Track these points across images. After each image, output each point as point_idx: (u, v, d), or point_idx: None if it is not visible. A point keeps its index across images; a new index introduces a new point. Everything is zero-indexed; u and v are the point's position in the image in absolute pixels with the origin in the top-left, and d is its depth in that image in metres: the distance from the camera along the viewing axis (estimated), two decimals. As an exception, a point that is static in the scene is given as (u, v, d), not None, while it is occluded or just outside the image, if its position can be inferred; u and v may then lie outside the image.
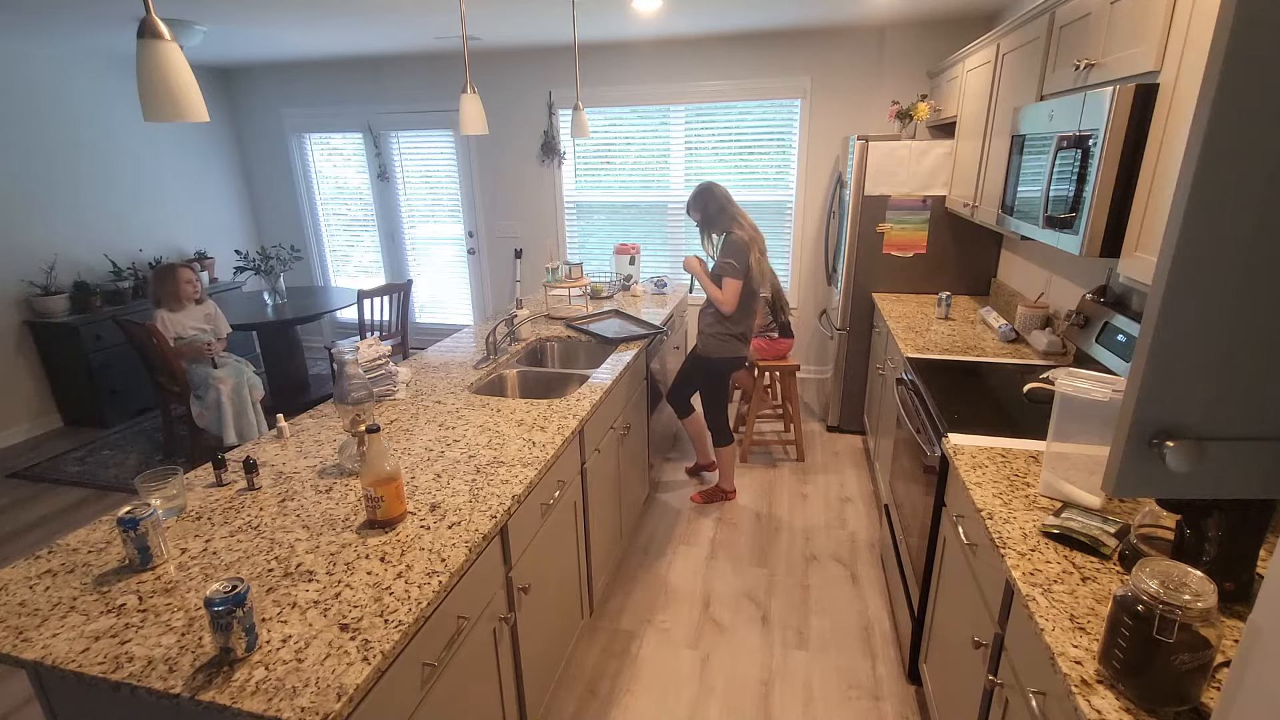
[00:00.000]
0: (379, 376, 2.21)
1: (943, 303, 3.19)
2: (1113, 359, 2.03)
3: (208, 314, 3.69)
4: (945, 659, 1.79)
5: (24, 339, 4.27)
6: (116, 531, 1.44)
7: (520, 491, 1.61)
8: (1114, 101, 1.53)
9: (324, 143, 5.70)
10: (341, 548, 1.37)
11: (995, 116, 2.69)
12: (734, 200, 2.92)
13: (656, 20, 3.89)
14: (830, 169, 4.60)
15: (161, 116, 1.25)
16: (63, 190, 4.45)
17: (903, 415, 2.32)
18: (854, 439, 4.03)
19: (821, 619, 2.49)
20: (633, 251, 3.93)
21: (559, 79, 4.93)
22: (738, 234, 2.83)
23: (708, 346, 3.00)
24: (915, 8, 3.72)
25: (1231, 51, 0.60)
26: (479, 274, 5.66)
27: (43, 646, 1.11)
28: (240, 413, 3.63)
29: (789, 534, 3.04)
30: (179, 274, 3.54)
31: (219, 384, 3.54)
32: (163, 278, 3.54)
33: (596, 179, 5.14)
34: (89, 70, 4.58)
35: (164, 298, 3.54)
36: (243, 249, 5.57)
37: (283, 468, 1.74)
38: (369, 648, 1.09)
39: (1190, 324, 0.68)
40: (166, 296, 3.53)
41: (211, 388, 3.54)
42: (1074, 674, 1.01)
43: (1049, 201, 1.88)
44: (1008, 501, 1.50)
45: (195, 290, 3.62)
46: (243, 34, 4.08)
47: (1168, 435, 0.70)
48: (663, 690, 2.18)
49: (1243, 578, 1.11)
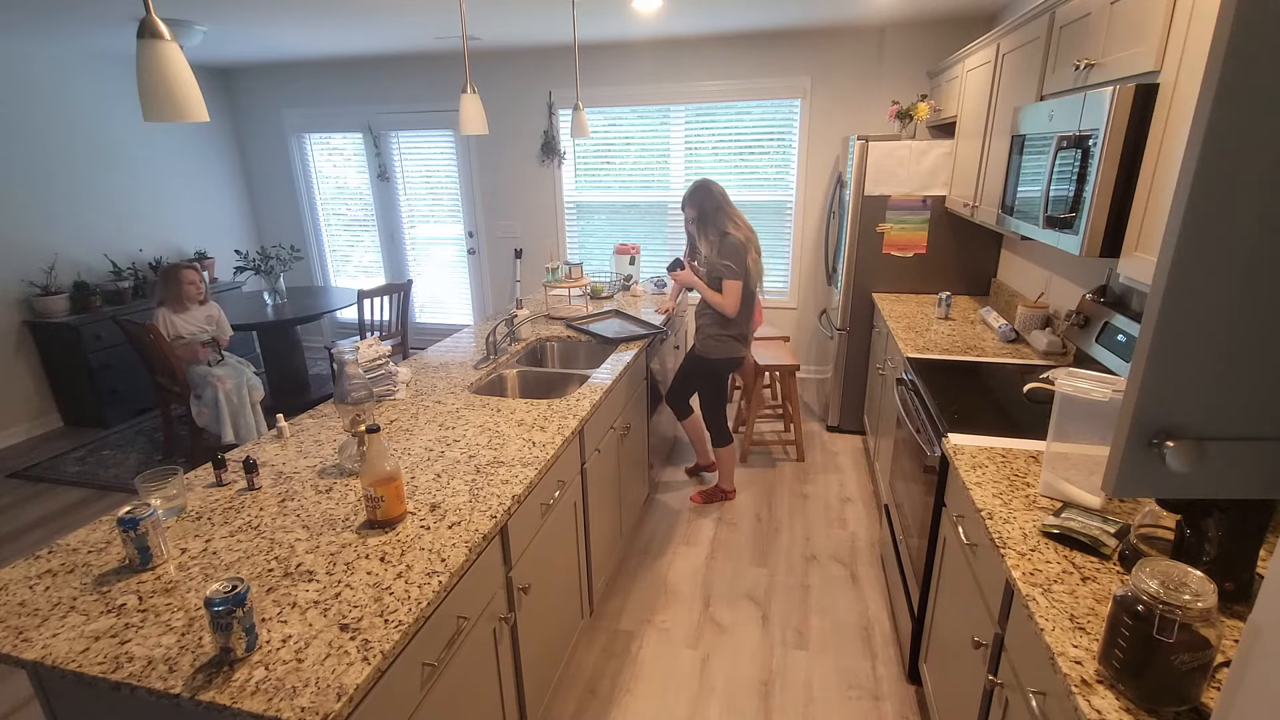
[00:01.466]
0: (379, 376, 2.21)
1: (943, 303, 3.19)
2: (1113, 359, 2.03)
3: (210, 316, 3.70)
4: (945, 659, 1.79)
5: (24, 339, 4.27)
6: (116, 531, 1.44)
7: (520, 491, 1.61)
8: (1114, 101, 1.53)
9: (324, 143, 5.70)
10: (341, 548, 1.37)
11: (995, 116, 2.69)
12: (730, 199, 2.90)
13: (656, 20, 3.89)
14: (830, 169, 4.60)
15: (161, 116, 1.25)
16: (63, 190, 4.45)
17: (903, 415, 2.32)
18: (854, 439, 4.03)
19: (821, 619, 2.49)
20: (633, 251, 3.93)
21: (559, 79, 4.93)
22: (734, 235, 2.81)
23: (706, 347, 2.99)
24: (915, 8, 3.72)
25: (1231, 51, 0.60)
26: (479, 274, 5.66)
27: (43, 646, 1.11)
28: (238, 412, 3.63)
29: (789, 534, 3.04)
30: (183, 275, 3.55)
31: (218, 383, 3.55)
32: (167, 279, 3.56)
33: (596, 179, 5.14)
34: (89, 70, 4.58)
35: (167, 298, 3.56)
36: (243, 249, 5.58)
37: (283, 468, 1.74)
38: (369, 648, 1.09)
39: (1190, 324, 0.67)
40: (170, 297, 3.56)
41: (210, 385, 3.54)
42: (1074, 674, 1.01)
43: (1049, 201, 1.88)
44: (1008, 501, 1.50)
45: (199, 292, 3.62)
46: (243, 34, 4.08)
47: (1168, 435, 0.70)
48: (663, 690, 2.18)
49: (1243, 578, 1.11)
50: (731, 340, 2.97)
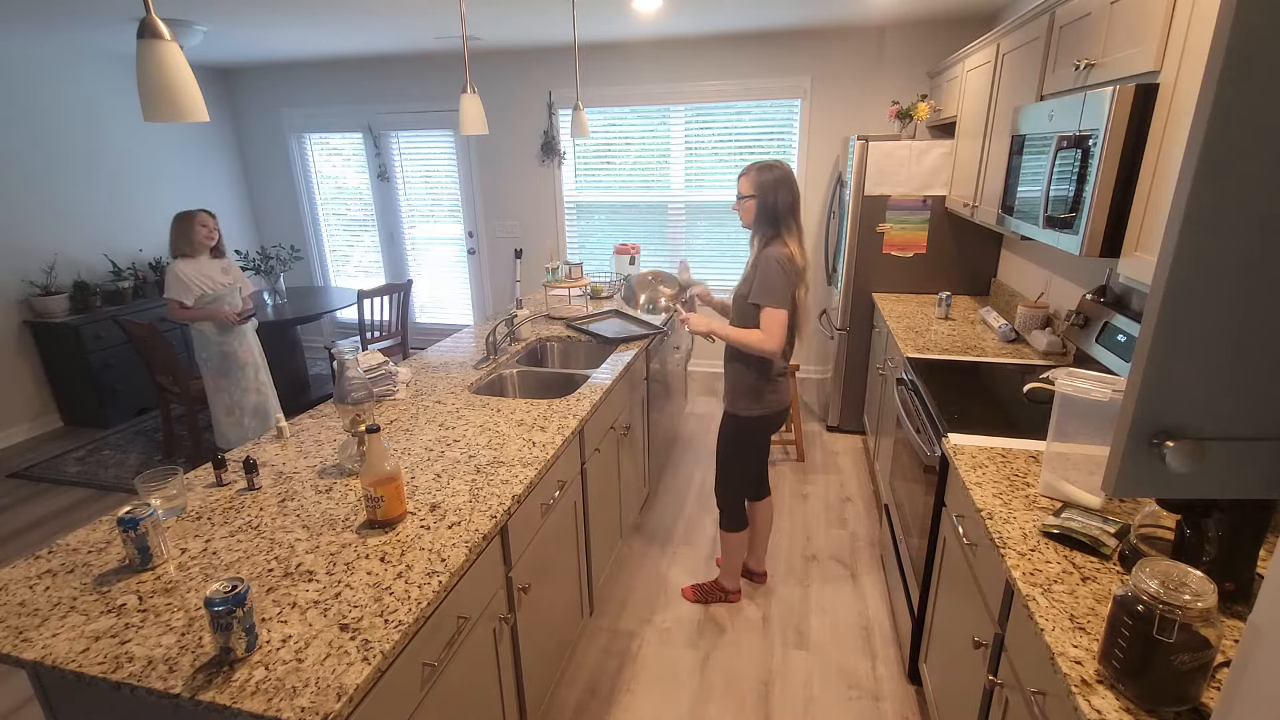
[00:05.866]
0: (379, 376, 2.20)
1: (943, 303, 3.19)
2: (1113, 359, 2.03)
3: (224, 266, 3.46)
4: (945, 659, 1.79)
5: (24, 339, 4.27)
6: (116, 531, 1.44)
7: (520, 491, 1.61)
8: (1114, 101, 1.53)
9: (324, 143, 5.70)
10: (341, 548, 1.37)
11: (995, 116, 2.69)
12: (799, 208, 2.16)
13: (656, 20, 3.89)
14: (830, 169, 4.60)
15: (161, 116, 1.25)
16: (63, 190, 4.45)
17: (903, 415, 2.32)
18: (854, 439, 4.03)
19: (821, 619, 2.49)
20: (633, 251, 3.93)
21: (559, 79, 4.93)
22: (787, 253, 2.07)
23: (741, 402, 2.27)
24: (915, 8, 3.72)
25: (1231, 51, 0.60)
26: (479, 274, 5.65)
27: (43, 646, 1.11)
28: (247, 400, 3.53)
29: (789, 534, 3.04)
30: (196, 216, 3.33)
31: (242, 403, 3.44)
32: (179, 221, 3.32)
33: (596, 179, 5.14)
34: (89, 70, 4.58)
35: (180, 243, 3.31)
36: (243, 249, 5.58)
37: (283, 468, 1.74)
38: (369, 648, 1.09)
39: (1190, 324, 0.67)
40: (183, 241, 3.31)
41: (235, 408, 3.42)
42: (1074, 674, 1.01)
43: (1049, 201, 1.88)
44: (1008, 501, 1.50)
45: (211, 236, 3.38)
46: (243, 34, 4.08)
47: (1168, 435, 0.70)
48: (663, 690, 2.18)
49: (1243, 578, 1.11)
50: (774, 382, 2.23)
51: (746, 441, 2.34)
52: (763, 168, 2.11)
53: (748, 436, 2.32)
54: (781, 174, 2.10)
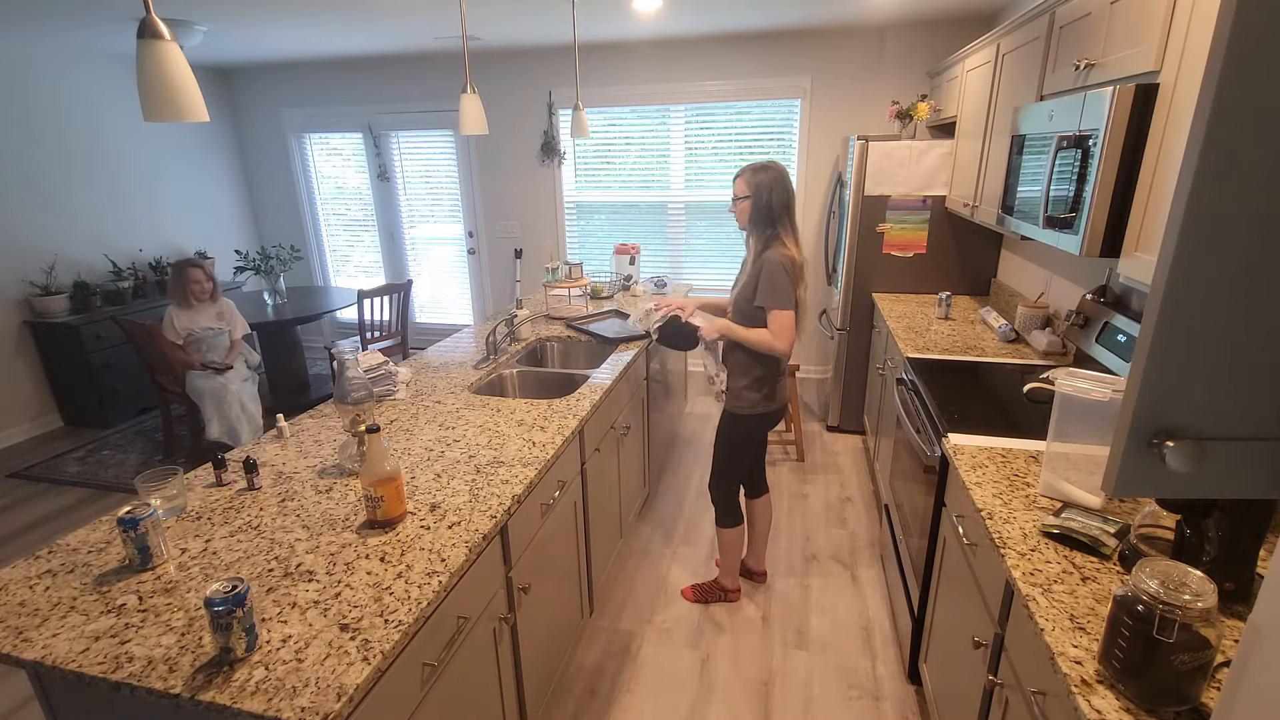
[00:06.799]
0: (379, 377, 2.20)
1: (943, 303, 3.19)
2: (1113, 359, 2.03)
3: (220, 312, 3.68)
4: (945, 659, 1.79)
5: (24, 339, 4.27)
6: (116, 531, 1.44)
7: (520, 491, 1.61)
8: (1114, 101, 1.53)
9: (324, 143, 5.70)
10: (341, 548, 1.37)
11: (995, 116, 2.69)
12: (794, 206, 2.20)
13: (656, 20, 3.89)
14: (830, 169, 4.60)
15: (161, 116, 1.25)
16: (63, 190, 4.45)
17: (903, 415, 2.32)
18: (854, 439, 4.03)
19: (821, 619, 2.49)
20: (633, 251, 3.93)
21: (559, 79, 4.93)
22: (786, 254, 2.12)
23: (744, 400, 2.29)
24: (915, 8, 3.72)
25: (1231, 51, 0.60)
26: (479, 274, 5.65)
27: (43, 646, 1.11)
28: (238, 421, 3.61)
29: (789, 534, 3.04)
30: (187, 274, 3.55)
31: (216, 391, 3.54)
32: (173, 276, 3.57)
33: (596, 179, 5.14)
34: (89, 70, 4.58)
35: (174, 296, 3.58)
36: (243, 249, 5.57)
37: (283, 468, 1.74)
38: (369, 648, 1.09)
39: (1190, 324, 0.67)
40: (176, 295, 3.56)
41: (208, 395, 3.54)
42: (1074, 674, 1.01)
43: (1049, 201, 1.88)
44: (1008, 501, 1.50)
45: (204, 290, 3.60)
46: (243, 34, 4.08)
47: (1168, 435, 0.70)
48: (663, 690, 2.18)
49: (1243, 578, 1.11)
50: (773, 380, 2.28)
51: (744, 438, 2.37)
52: (757, 169, 2.15)
53: (746, 434, 2.36)
54: (776, 174, 2.13)
